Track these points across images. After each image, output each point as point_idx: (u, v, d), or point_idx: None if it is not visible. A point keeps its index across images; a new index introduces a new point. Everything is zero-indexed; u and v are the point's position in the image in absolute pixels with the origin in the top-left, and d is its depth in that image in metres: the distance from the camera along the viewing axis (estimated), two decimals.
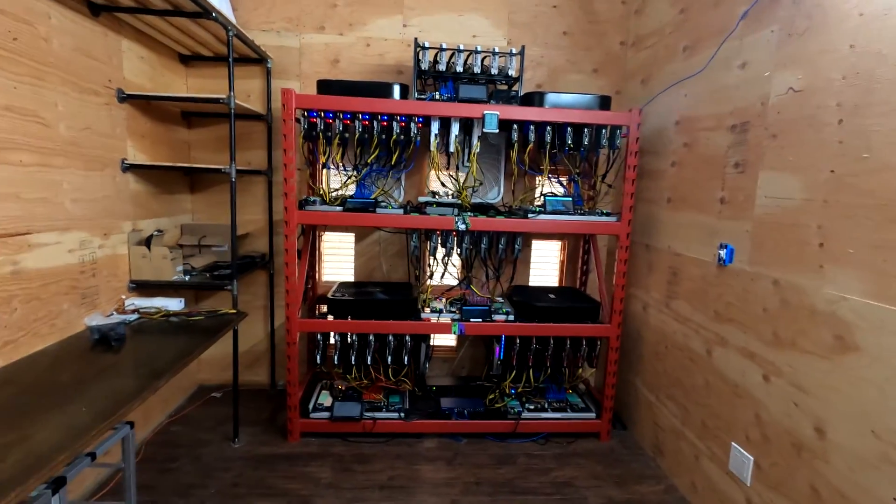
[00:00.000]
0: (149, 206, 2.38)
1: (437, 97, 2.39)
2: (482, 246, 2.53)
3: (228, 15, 2.34)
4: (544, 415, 2.54)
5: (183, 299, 2.23)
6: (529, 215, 2.36)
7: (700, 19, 2.15)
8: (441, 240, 2.54)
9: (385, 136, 2.34)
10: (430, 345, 2.60)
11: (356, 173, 2.56)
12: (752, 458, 1.73)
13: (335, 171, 2.68)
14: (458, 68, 2.45)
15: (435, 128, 2.35)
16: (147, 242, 2.23)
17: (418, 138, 2.37)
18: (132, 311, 2.11)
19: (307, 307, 2.80)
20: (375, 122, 2.30)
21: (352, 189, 2.62)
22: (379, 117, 2.29)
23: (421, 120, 2.34)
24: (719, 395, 1.92)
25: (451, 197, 2.59)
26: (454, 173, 2.68)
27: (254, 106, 2.71)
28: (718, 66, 2.00)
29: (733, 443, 1.83)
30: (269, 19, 2.74)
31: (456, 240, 2.54)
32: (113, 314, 2.07)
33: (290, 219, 2.26)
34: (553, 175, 2.79)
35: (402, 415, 2.47)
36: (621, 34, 2.89)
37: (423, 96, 2.40)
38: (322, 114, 2.26)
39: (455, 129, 2.37)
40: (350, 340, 2.43)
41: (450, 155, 2.46)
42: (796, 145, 1.59)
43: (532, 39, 2.85)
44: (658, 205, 2.45)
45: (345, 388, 2.64)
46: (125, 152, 2.17)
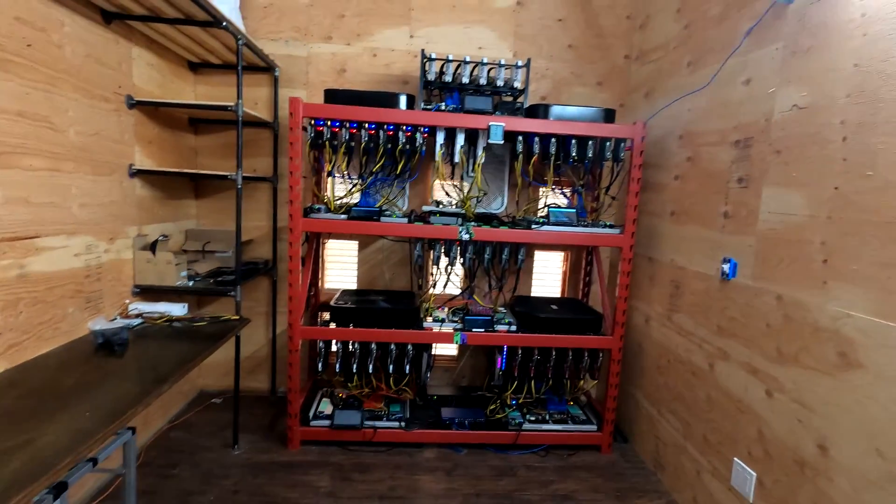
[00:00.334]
0: (154, 212, 2.39)
1: (443, 108, 2.41)
2: (485, 256, 2.53)
3: (238, 24, 2.38)
4: (545, 426, 2.53)
5: (186, 304, 2.23)
6: (533, 226, 2.37)
7: (704, 35, 2.18)
8: (444, 249, 2.54)
9: (390, 146, 2.36)
10: (432, 354, 2.60)
11: (361, 182, 2.58)
12: (754, 474, 1.72)
13: (340, 180, 2.70)
14: (464, 79, 2.47)
15: (440, 138, 2.37)
16: (152, 247, 2.24)
17: (423, 148, 2.38)
18: (136, 316, 2.12)
19: (309, 314, 2.81)
20: (381, 132, 2.31)
21: (356, 197, 2.63)
22: (385, 127, 2.31)
23: (426, 130, 2.36)
24: (721, 410, 1.92)
25: (455, 207, 2.60)
26: (459, 183, 2.69)
27: (261, 114, 2.74)
28: (723, 81, 2.02)
29: (735, 458, 1.82)
30: (278, 28, 2.78)
31: (459, 249, 2.55)
32: (117, 318, 2.08)
33: (295, 226, 2.27)
34: (557, 186, 2.81)
35: (402, 424, 2.46)
36: (626, 48, 2.92)
37: (428, 107, 2.42)
38: (329, 122, 2.28)
39: (460, 140, 2.38)
40: (352, 348, 2.43)
41: (454, 165, 2.48)
42: (800, 161, 1.60)
43: (537, 52, 2.88)
44: (661, 218, 2.46)
45: (346, 397, 2.63)
46: (133, 158, 2.19)
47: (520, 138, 2.39)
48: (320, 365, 2.47)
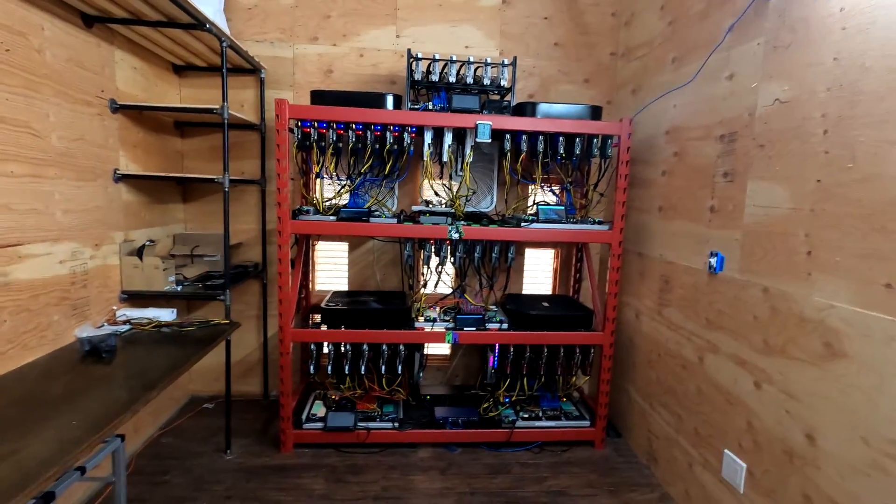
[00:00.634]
0: (141, 216, 2.37)
1: (430, 107, 2.40)
2: (475, 255, 2.53)
3: (222, 25, 2.36)
4: (538, 423, 2.54)
5: (175, 310, 2.22)
6: (522, 224, 2.38)
7: (688, 31, 2.19)
8: (435, 249, 2.54)
9: (378, 146, 2.35)
10: (424, 354, 2.60)
11: (350, 183, 2.57)
12: (744, 465, 1.73)
13: (329, 181, 2.69)
14: (451, 79, 2.47)
15: (428, 138, 2.37)
16: (139, 252, 2.22)
17: (412, 148, 2.38)
18: (124, 322, 2.10)
19: (300, 317, 2.79)
20: (369, 133, 2.31)
21: (345, 198, 2.62)
22: (372, 127, 2.30)
23: (414, 130, 2.36)
24: (712, 403, 1.94)
25: (444, 206, 2.60)
26: (447, 182, 2.69)
27: (247, 116, 2.72)
28: (706, 77, 2.04)
29: (726, 450, 1.83)
30: (263, 30, 2.76)
31: (450, 248, 2.55)
32: (104, 325, 2.05)
33: (284, 228, 2.26)
34: (546, 184, 2.82)
35: (396, 424, 2.46)
36: (612, 45, 2.93)
37: (416, 106, 2.42)
38: (315, 124, 2.27)
39: (448, 139, 2.38)
40: (343, 350, 2.42)
41: (443, 164, 2.47)
42: (783, 155, 1.61)
43: (524, 50, 2.89)
44: (650, 213, 2.48)
45: (338, 398, 2.63)
46: (117, 162, 2.17)
47: (507, 136, 2.39)
48: (312, 367, 2.46)
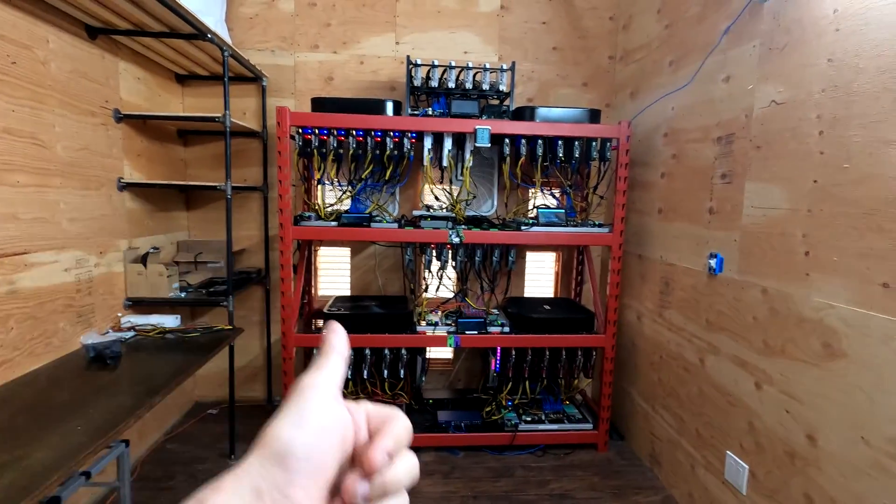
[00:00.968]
0: (145, 224, 2.40)
1: (430, 113, 2.43)
2: (476, 258, 2.55)
3: (224, 35, 2.39)
4: (541, 426, 2.54)
5: (179, 316, 2.24)
6: (522, 227, 2.39)
7: (685, 34, 2.21)
8: (436, 253, 2.56)
9: (379, 152, 2.37)
10: (427, 358, 2.61)
11: (351, 188, 2.59)
12: (746, 466, 1.73)
13: (330, 187, 2.71)
14: (450, 84, 2.49)
15: (428, 143, 2.39)
16: (143, 260, 2.24)
17: (412, 153, 2.40)
18: (128, 329, 2.12)
19: (303, 322, 2.81)
20: (369, 139, 2.33)
21: (347, 204, 2.64)
22: (372, 133, 2.32)
23: (414, 135, 2.38)
24: (713, 404, 1.93)
25: (445, 210, 2.61)
26: (448, 187, 2.71)
27: (249, 123, 2.75)
28: (704, 79, 2.05)
29: (728, 452, 1.83)
30: (265, 39, 2.79)
31: (451, 253, 2.56)
32: (109, 332, 2.08)
33: (286, 234, 2.28)
34: (546, 187, 2.83)
35: None
36: (610, 49, 2.95)
37: (415, 112, 2.44)
38: (316, 131, 2.30)
39: (448, 144, 2.40)
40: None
41: (443, 169, 2.49)
42: (780, 156, 1.62)
43: (523, 55, 2.91)
44: (650, 215, 2.48)
45: None
46: (122, 171, 2.20)
47: (507, 141, 2.41)
48: None
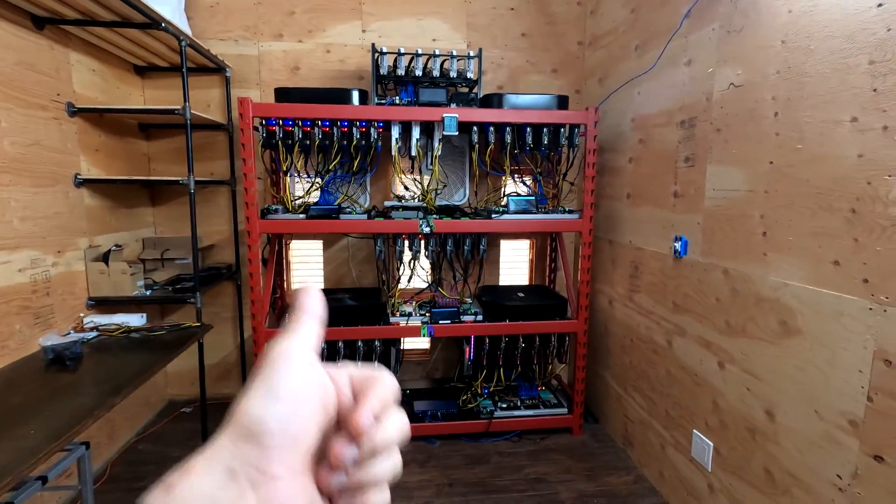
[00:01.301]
0: (106, 221, 2.33)
1: (398, 101, 2.39)
2: (447, 248, 2.54)
3: (182, 24, 2.32)
4: (517, 412, 2.57)
5: (145, 314, 2.19)
6: (493, 216, 2.39)
7: (649, 19, 2.21)
8: (408, 243, 2.54)
9: (346, 143, 2.34)
10: (401, 349, 2.60)
11: (319, 180, 2.55)
12: (711, 444, 1.77)
13: (298, 179, 2.67)
14: (418, 72, 2.46)
15: (396, 132, 2.36)
16: (105, 258, 2.18)
17: (379, 143, 2.37)
18: (91, 329, 2.06)
19: (276, 316, 2.77)
20: (335, 129, 2.29)
21: (316, 196, 2.61)
22: (339, 123, 2.28)
23: (381, 125, 2.35)
24: (681, 385, 1.97)
25: (416, 200, 2.60)
26: (418, 177, 2.69)
27: (214, 115, 2.68)
28: (666, 63, 2.06)
29: (695, 430, 1.87)
30: (227, 28, 2.72)
31: (423, 243, 2.55)
32: (70, 333, 2.02)
33: (252, 228, 2.24)
34: (517, 175, 2.82)
35: None
36: (578, 34, 2.94)
37: (382, 101, 2.41)
38: (280, 122, 2.25)
39: (416, 133, 2.38)
40: (321, 348, 2.41)
41: (413, 158, 2.47)
42: (739, 139, 1.64)
43: (491, 42, 2.88)
44: (619, 201, 2.50)
45: None
46: (78, 167, 2.13)
47: (475, 129, 2.39)
48: None
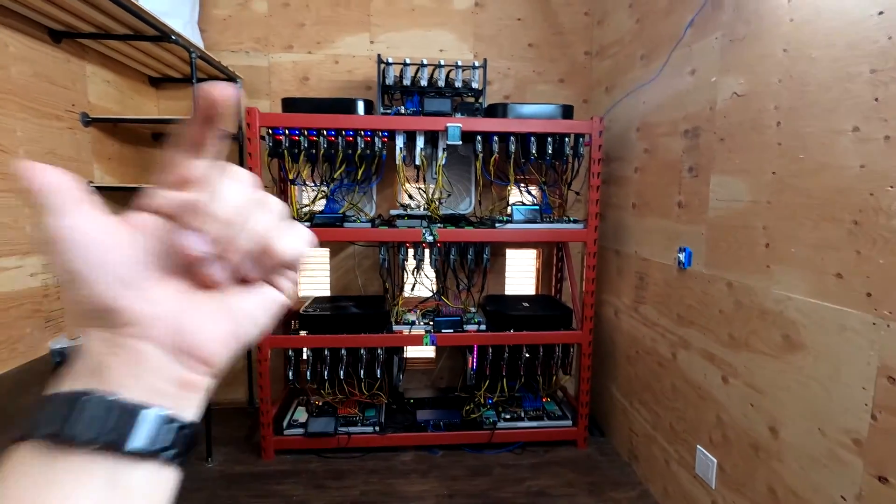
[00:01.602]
0: None
1: (403, 111, 2.42)
2: (451, 257, 2.54)
3: (194, 37, 2.39)
4: (520, 424, 2.54)
5: None
6: (497, 225, 2.38)
7: (654, 28, 2.20)
8: (413, 252, 2.55)
9: (351, 152, 2.36)
10: (404, 357, 2.60)
11: (325, 188, 2.58)
12: (715, 460, 1.73)
13: (304, 188, 2.70)
14: (423, 82, 2.49)
15: (400, 142, 2.38)
16: None
17: (384, 152, 2.39)
18: None
19: (283, 323, 2.80)
20: (340, 138, 2.32)
21: (322, 204, 2.64)
22: (343, 133, 2.31)
23: (385, 134, 2.37)
24: (685, 398, 1.93)
25: (422, 209, 2.61)
26: (423, 186, 2.70)
27: (224, 126, 2.73)
28: (671, 73, 2.04)
29: (699, 446, 1.82)
30: (239, 40, 2.79)
31: (428, 252, 2.56)
32: (80, 337, 2.07)
33: None
34: (523, 184, 2.82)
35: (377, 429, 2.46)
36: (586, 44, 2.94)
37: (388, 111, 2.43)
38: (287, 131, 2.29)
39: (420, 143, 2.39)
40: (323, 355, 2.43)
41: (417, 168, 2.49)
42: (742, 148, 1.61)
43: (498, 52, 2.90)
44: (625, 210, 2.48)
45: (321, 404, 2.63)
46: (91, 175, 2.19)
47: (479, 138, 2.40)
48: (291, 373, 2.46)
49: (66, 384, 0.25)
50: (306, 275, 3.01)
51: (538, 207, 2.51)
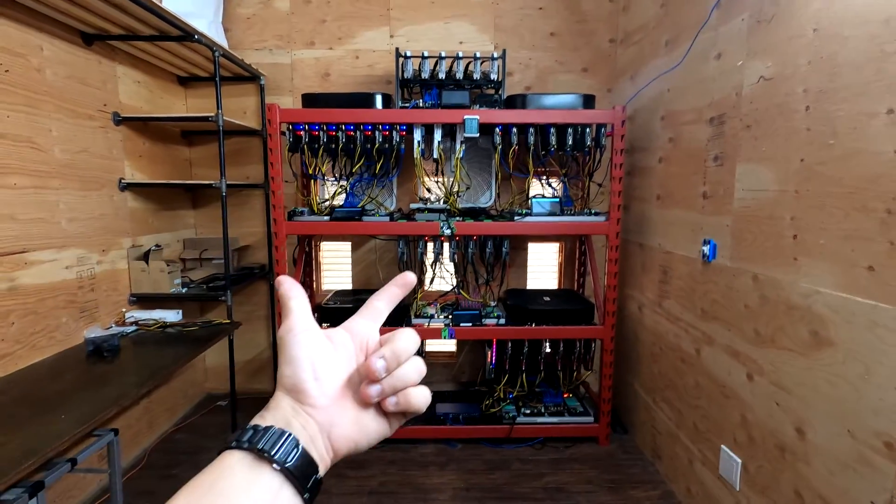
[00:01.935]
0: (149, 223, 2.48)
1: (421, 104, 2.41)
2: (469, 250, 2.53)
3: (218, 36, 2.45)
4: (540, 419, 2.51)
5: (181, 311, 2.32)
6: (516, 218, 2.36)
7: (679, 12, 2.11)
8: (433, 245, 2.55)
9: (369, 146, 2.38)
10: (424, 351, 2.61)
11: (345, 183, 2.61)
12: (739, 461, 1.66)
13: (324, 182, 2.74)
14: (441, 75, 2.47)
15: (418, 135, 2.38)
16: (145, 257, 2.33)
17: (402, 146, 2.40)
18: (131, 324, 2.21)
19: None
20: (359, 132, 2.34)
21: (342, 198, 2.67)
22: (362, 127, 2.33)
23: (404, 128, 2.37)
24: (709, 396, 1.86)
25: (441, 203, 2.60)
26: (442, 179, 2.69)
27: (250, 122, 2.81)
28: (696, 58, 1.96)
29: (723, 446, 1.76)
30: (262, 38, 2.84)
31: (446, 245, 2.55)
32: (112, 326, 2.17)
33: (280, 230, 2.32)
34: (543, 176, 2.77)
35: None
36: (611, 32, 2.86)
37: (406, 104, 2.43)
38: (307, 126, 2.32)
39: (438, 136, 2.39)
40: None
41: (436, 161, 2.48)
42: (769, 135, 1.53)
43: (519, 42, 2.85)
44: (649, 202, 2.40)
45: None
46: (122, 172, 2.28)
47: (498, 130, 2.37)
48: None
49: (267, 422, 0.36)
50: (329, 268, 3.06)
51: (558, 200, 2.46)
